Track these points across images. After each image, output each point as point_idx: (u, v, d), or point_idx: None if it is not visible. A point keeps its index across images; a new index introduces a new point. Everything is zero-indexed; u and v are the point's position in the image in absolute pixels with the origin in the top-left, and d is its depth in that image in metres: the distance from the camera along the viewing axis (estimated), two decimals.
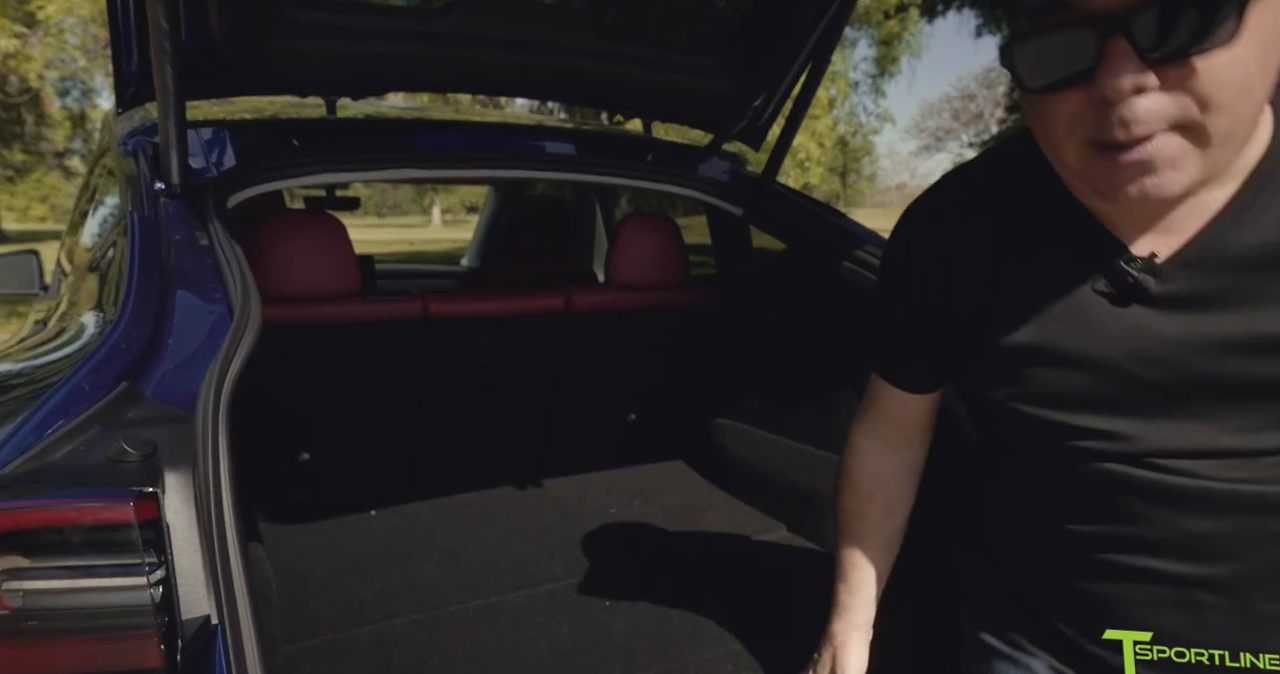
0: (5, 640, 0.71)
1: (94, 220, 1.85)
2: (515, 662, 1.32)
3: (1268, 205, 0.65)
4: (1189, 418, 0.70)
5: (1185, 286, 0.68)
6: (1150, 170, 0.62)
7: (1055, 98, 0.64)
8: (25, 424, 0.84)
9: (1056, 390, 0.75)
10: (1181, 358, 0.69)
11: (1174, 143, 0.60)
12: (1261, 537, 0.69)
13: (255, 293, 1.03)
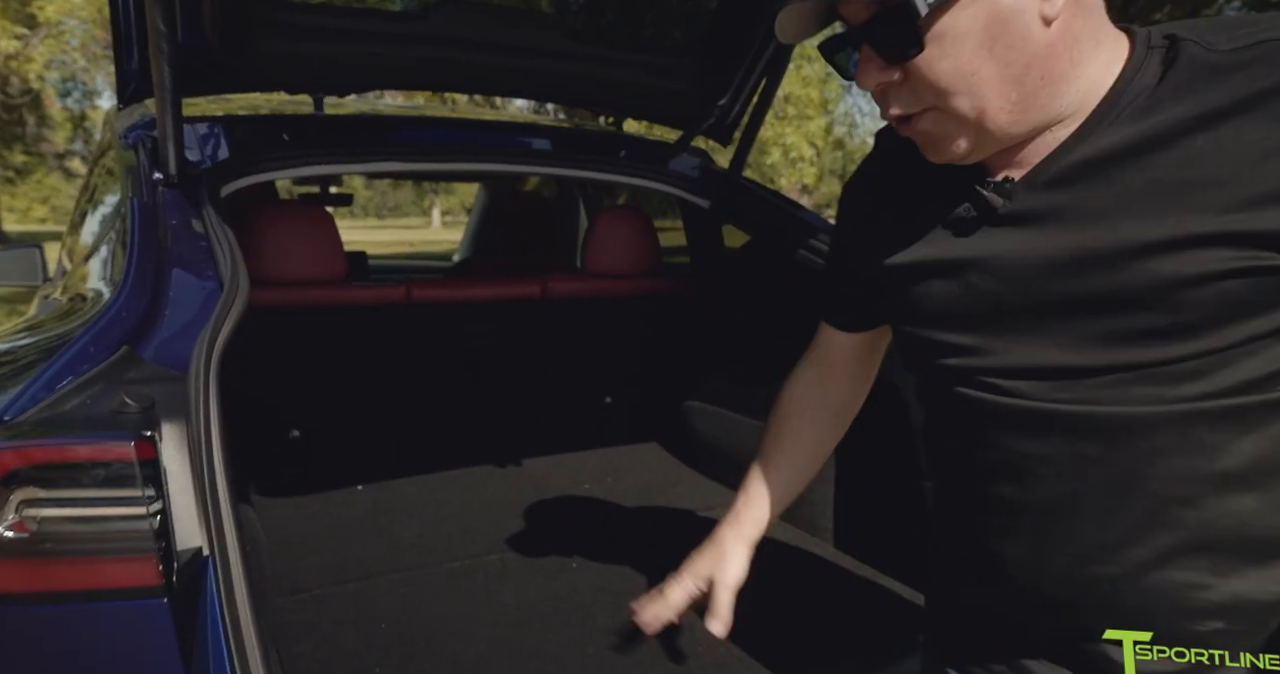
0: (24, 559, 0.83)
1: (95, 213, 1.96)
2: (485, 613, 1.43)
3: (1102, 133, 0.71)
4: (1022, 335, 0.75)
5: (1025, 206, 0.74)
6: (927, 141, 0.75)
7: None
8: (38, 380, 0.95)
9: (928, 307, 0.81)
10: (1018, 274, 0.74)
11: (934, 120, 0.72)
12: (1079, 459, 0.73)
13: (244, 270, 1.15)
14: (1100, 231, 0.70)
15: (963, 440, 0.83)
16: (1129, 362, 0.70)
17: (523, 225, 2.84)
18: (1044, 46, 0.69)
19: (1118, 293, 0.69)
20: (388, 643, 1.34)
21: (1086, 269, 0.71)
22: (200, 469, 0.90)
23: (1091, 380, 0.72)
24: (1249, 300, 0.67)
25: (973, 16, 0.68)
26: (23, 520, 0.83)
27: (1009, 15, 0.68)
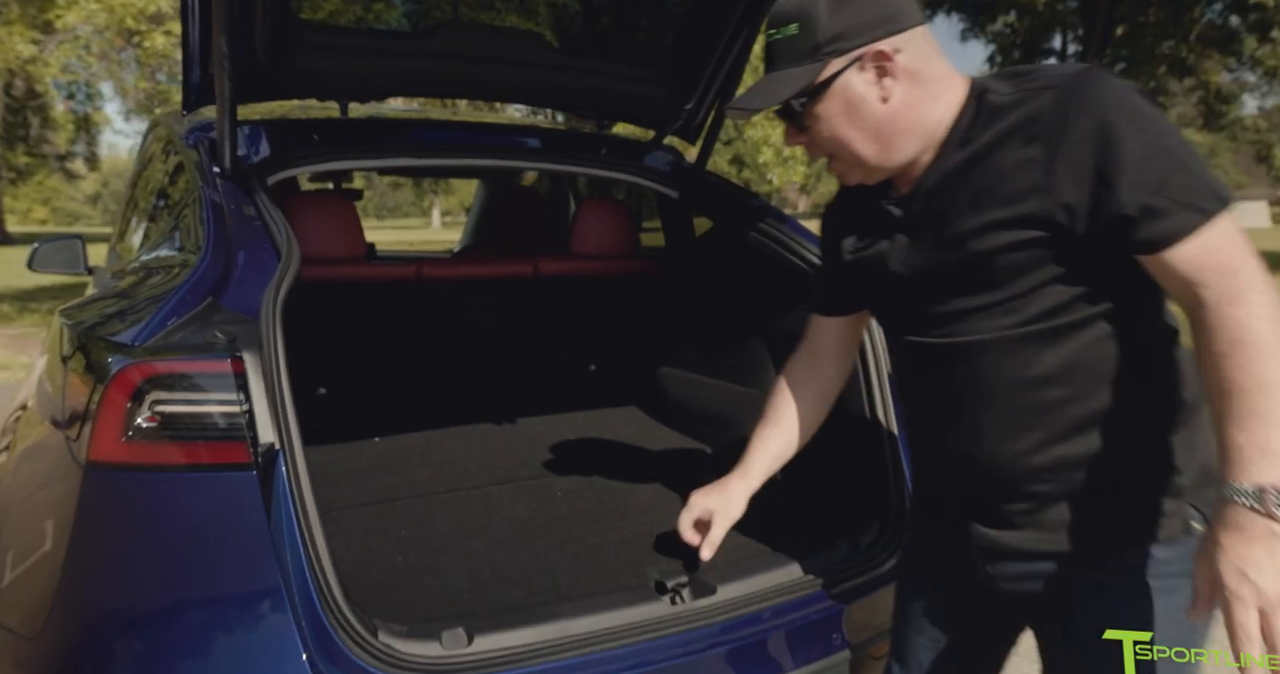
0: (156, 442, 1.15)
1: (154, 204, 2.28)
2: (484, 525, 1.75)
3: (945, 157, 1.08)
4: (909, 293, 1.14)
5: (911, 212, 1.13)
6: (839, 173, 1.16)
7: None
8: (153, 321, 1.27)
9: (869, 285, 1.21)
10: (911, 258, 1.12)
11: (837, 163, 1.14)
12: (955, 373, 1.10)
13: (295, 242, 1.46)
14: (947, 225, 1.08)
15: (900, 368, 1.26)
16: (972, 306, 1.08)
17: (518, 217, 3.17)
18: (887, 115, 1.08)
19: (960, 263, 1.07)
20: (407, 545, 1.66)
21: (944, 250, 1.09)
22: (271, 385, 1.22)
23: (954, 320, 1.10)
24: (1028, 262, 1.02)
25: (832, 106, 1.08)
26: (154, 414, 1.15)
27: (857, 102, 1.07)
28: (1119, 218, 0.94)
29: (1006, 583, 1.15)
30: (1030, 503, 1.10)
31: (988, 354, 1.07)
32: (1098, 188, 0.94)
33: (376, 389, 2.33)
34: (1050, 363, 1.04)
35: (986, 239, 1.02)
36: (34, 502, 1.32)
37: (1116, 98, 0.96)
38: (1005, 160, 1.00)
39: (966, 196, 1.04)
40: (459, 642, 1.25)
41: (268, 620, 1.12)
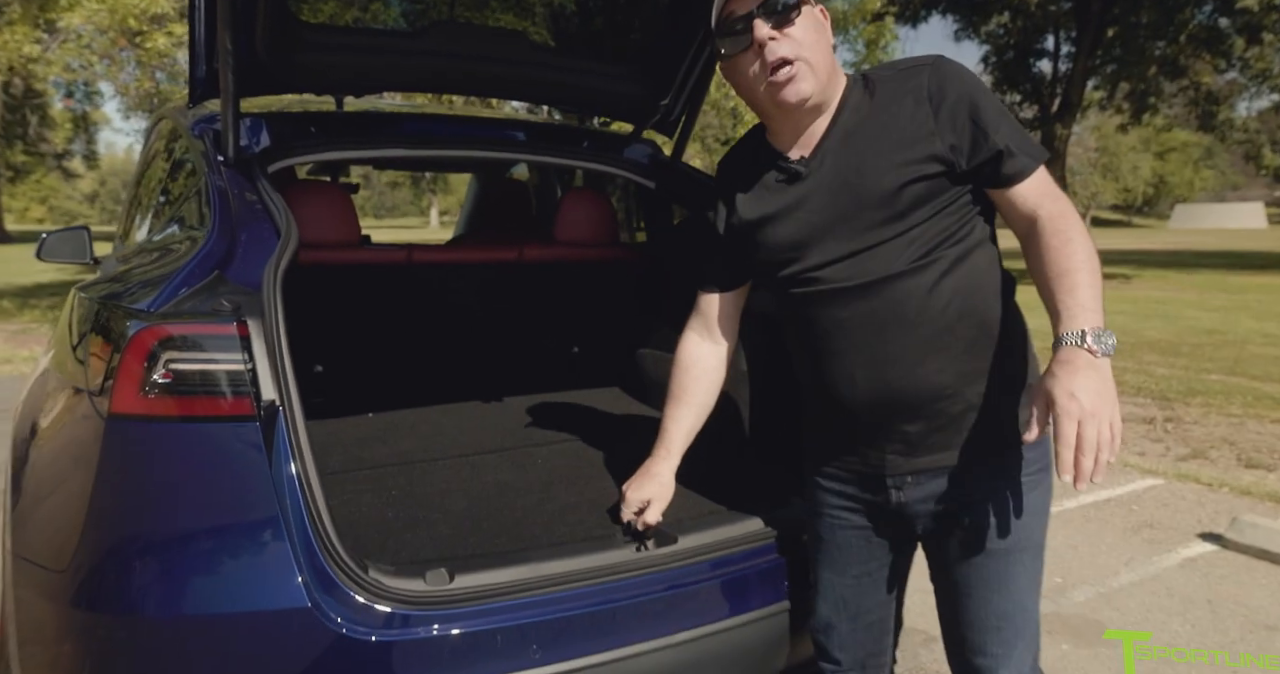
0: (170, 396, 1.28)
1: (160, 189, 2.42)
2: (469, 487, 1.89)
3: (841, 123, 1.32)
4: (824, 241, 1.31)
5: (814, 168, 1.33)
6: (792, 80, 1.26)
7: (740, 56, 1.30)
8: (165, 290, 1.41)
9: (768, 242, 1.38)
10: (819, 206, 1.32)
11: (799, 66, 1.26)
12: (864, 308, 1.29)
13: (294, 223, 1.60)
14: (852, 171, 1.29)
15: (803, 320, 1.39)
16: (876, 241, 1.29)
17: (506, 208, 3.31)
18: (830, 51, 1.31)
19: (865, 202, 1.28)
20: (397, 503, 1.80)
21: (849, 192, 1.29)
22: (272, 347, 1.36)
23: (861, 258, 1.29)
24: (924, 192, 1.26)
25: (808, 18, 1.28)
26: (168, 371, 1.28)
27: (821, 27, 1.31)
28: (992, 153, 1.25)
29: (915, 505, 1.36)
30: (938, 421, 1.31)
31: (899, 286, 1.28)
32: (974, 132, 1.25)
33: (370, 368, 2.47)
34: (948, 289, 1.28)
35: (894, 174, 1.27)
36: (59, 452, 1.46)
37: (973, 76, 1.30)
38: (901, 116, 1.28)
39: (872, 146, 1.29)
40: (441, 580, 1.39)
41: (268, 547, 1.26)
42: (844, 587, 1.50)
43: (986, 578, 1.36)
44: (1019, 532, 1.34)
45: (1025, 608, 1.38)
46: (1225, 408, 5.99)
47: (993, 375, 1.32)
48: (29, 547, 1.41)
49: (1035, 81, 18.71)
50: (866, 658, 1.55)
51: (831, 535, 1.49)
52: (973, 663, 1.40)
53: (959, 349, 1.30)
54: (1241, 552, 3.31)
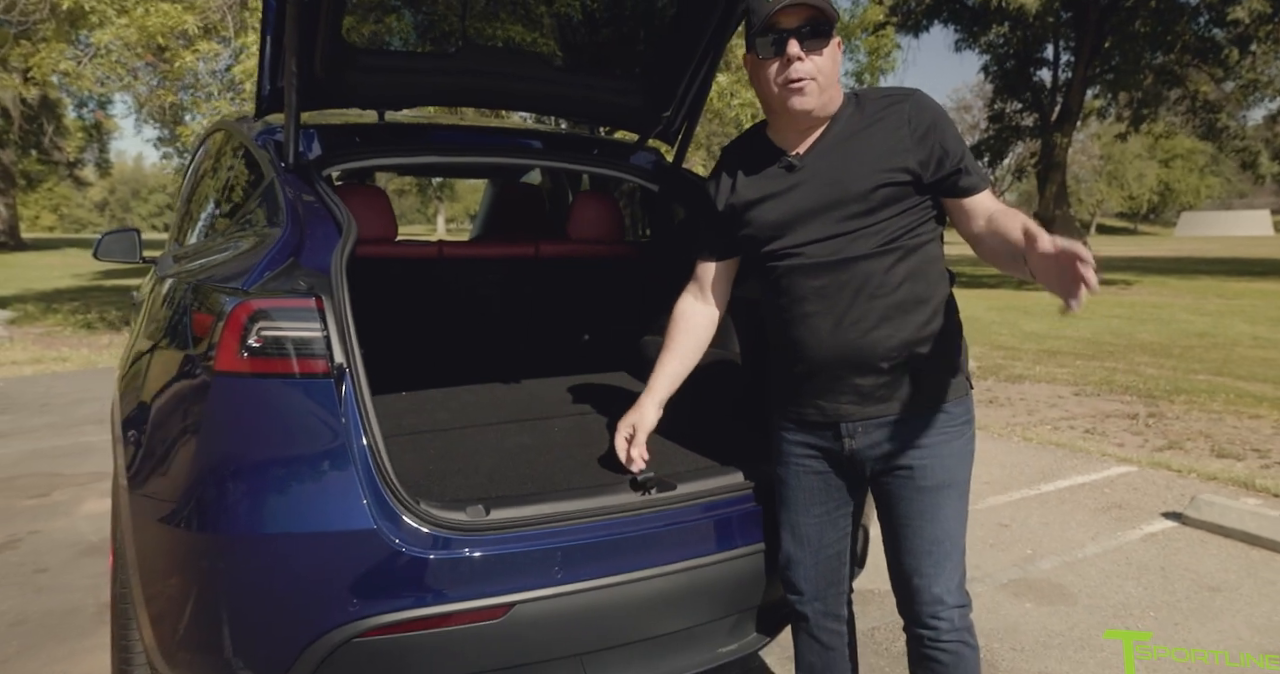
0: (262, 357, 1.57)
1: (218, 192, 2.72)
2: (496, 449, 2.18)
3: (833, 131, 1.63)
4: (808, 224, 1.62)
5: (808, 164, 1.64)
6: (802, 92, 1.57)
7: (769, 62, 1.58)
8: (253, 273, 1.71)
9: (760, 219, 1.68)
10: (807, 194, 1.63)
11: (811, 83, 1.57)
12: (835, 281, 1.60)
13: (352, 218, 1.90)
14: (839, 171, 1.61)
15: (780, 289, 1.70)
16: (851, 229, 1.61)
17: (522, 211, 3.61)
18: (837, 77, 1.63)
19: (844, 198, 1.60)
20: (435, 460, 2.09)
21: (834, 187, 1.61)
22: (340, 319, 1.65)
23: (838, 240, 1.61)
24: (892, 196, 1.59)
25: (832, 48, 1.60)
26: (260, 337, 1.58)
27: (838, 57, 1.62)
28: (953, 169, 1.59)
29: (864, 451, 1.68)
30: (885, 377, 1.63)
31: (862, 265, 1.61)
32: (940, 154, 1.59)
33: (404, 350, 2.76)
34: (902, 271, 1.61)
35: (871, 178, 1.59)
36: (172, 405, 1.75)
37: (942, 109, 1.65)
38: (883, 133, 1.61)
39: (856, 153, 1.62)
40: (479, 513, 1.68)
41: (340, 474, 1.55)
42: (807, 525, 1.79)
43: (921, 510, 1.66)
44: (946, 472, 1.65)
45: (952, 535, 1.68)
46: (1207, 405, 6.25)
47: (931, 346, 1.64)
48: (148, 483, 1.71)
49: (1035, 90, 18.99)
50: (826, 588, 1.84)
51: (797, 481, 1.79)
52: (911, 582, 1.70)
53: (905, 321, 1.62)
54: (1198, 527, 3.58)
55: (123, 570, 1.99)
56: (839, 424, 1.69)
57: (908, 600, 1.73)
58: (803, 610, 1.86)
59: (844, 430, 1.69)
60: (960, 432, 1.68)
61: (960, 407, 1.68)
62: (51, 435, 5.28)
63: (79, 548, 3.41)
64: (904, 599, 1.74)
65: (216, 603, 1.59)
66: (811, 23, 1.55)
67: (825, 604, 1.85)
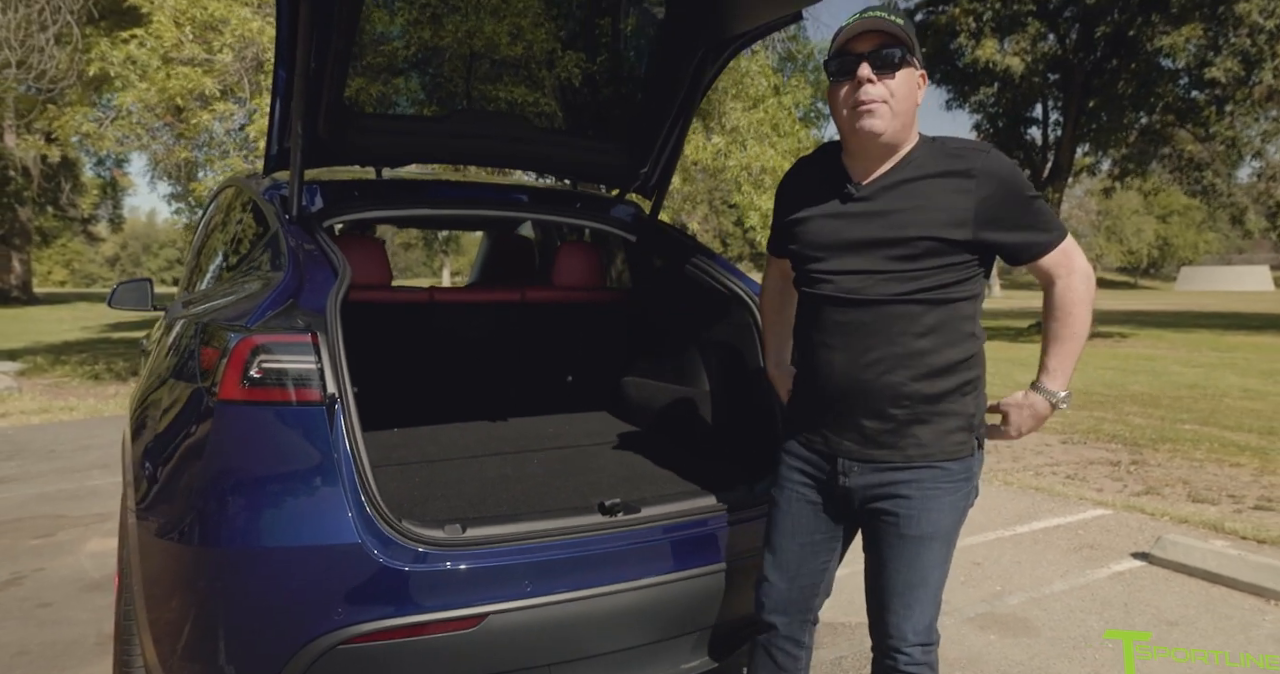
0: (261, 387, 1.75)
1: (229, 243, 2.93)
2: (477, 478, 2.34)
3: (900, 170, 1.68)
4: (848, 255, 1.68)
5: (865, 195, 1.69)
6: (871, 114, 1.60)
7: (841, 84, 1.64)
8: (257, 312, 1.90)
9: (805, 237, 1.76)
10: (855, 225, 1.69)
11: (881, 106, 1.60)
12: (860, 318, 1.66)
13: (347, 264, 2.09)
14: (889, 209, 1.68)
15: (808, 315, 1.80)
16: (885, 270, 1.67)
17: (514, 261, 3.83)
18: (914, 107, 1.68)
19: (888, 238, 1.66)
20: (420, 486, 2.25)
21: (880, 224, 1.68)
22: (333, 354, 1.83)
23: (871, 277, 1.68)
24: (937, 250, 1.63)
25: (909, 74, 1.65)
26: (260, 369, 1.76)
27: (915, 84, 1.67)
28: (1001, 240, 1.64)
29: (857, 491, 1.75)
30: (891, 423, 1.69)
31: (889, 308, 1.67)
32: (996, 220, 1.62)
33: (397, 389, 2.94)
34: (927, 322, 1.66)
35: (921, 229, 1.62)
36: (179, 431, 1.92)
37: (1012, 171, 1.64)
38: (948, 190, 1.63)
39: (915, 199, 1.64)
40: (456, 531, 1.83)
41: (328, 490, 1.72)
42: (789, 551, 1.87)
43: (901, 555, 1.72)
44: (931, 525, 1.69)
45: (928, 582, 1.73)
46: (1190, 453, 6.36)
47: (943, 402, 1.67)
48: (155, 504, 1.87)
49: (1026, 148, 19.47)
50: (794, 613, 1.90)
51: (789, 505, 1.86)
52: (882, 616, 1.78)
53: (921, 371, 1.65)
54: (1164, 566, 3.69)
55: (128, 591, 2.13)
56: (838, 458, 1.75)
57: (877, 631, 1.81)
58: (766, 627, 1.92)
59: (841, 466, 1.75)
60: (956, 488, 1.71)
61: (961, 465, 1.71)
62: (57, 480, 5.42)
63: (81, 584, 3.54)
64: (874, 629, 1.82)
65: (214, 614, 1.74)
66: (883, 47, 1.59)
67: (789, 628, 1.90)
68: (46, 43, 9.00)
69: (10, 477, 5.54)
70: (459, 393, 3.04)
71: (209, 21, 7.67)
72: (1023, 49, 15.47)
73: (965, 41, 15.80)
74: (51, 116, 9.32)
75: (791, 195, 1.85)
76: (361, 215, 2.61)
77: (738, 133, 10.49)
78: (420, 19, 2.77)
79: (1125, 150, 17.78)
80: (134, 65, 7.78)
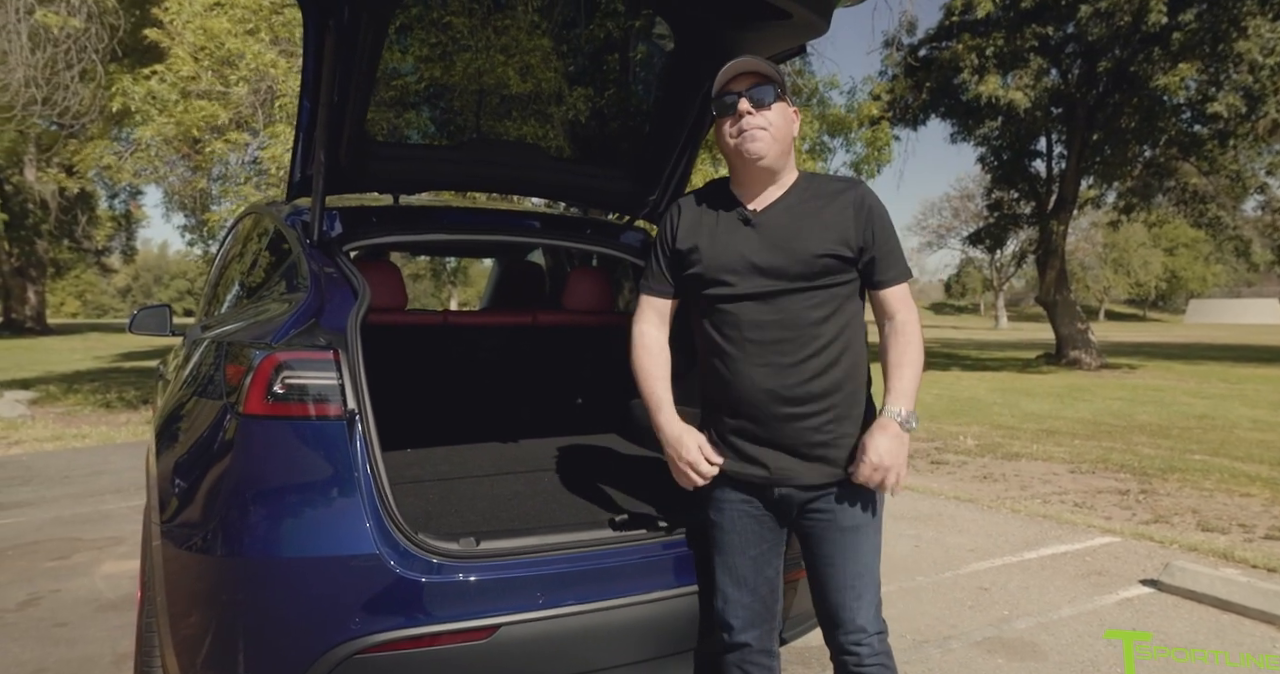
0: (285, 401, 1.81)
1: (249, 267, 3.02)
2: (490, 495, 2.39)
3: (789, 197, 1.86)
4: (749, 276, 1.82)
5: (760, 220, 1.85)
6: (754, 139, 1.81)
7: (725, 119, 1.84)
8: (281, 330, 1.97)
9: (708, 261, 1.87)
10: (754, 247, 1.83)
11: (764, 135, 1.81)
12: (761, 336, 1.80)
13: (366, 286, 2.17)
14: (785, 232, 1.83)
15: (715, 331, 1.89)
16: (787, 288, 1.80)
17: (524, 286, 3.91)
18: (790, 142, 1.85)
19: (791, 258, 1.80)
20: (434, 503, 2.30)
21: (778, 247, 1.82)
22: (354, 372, 1.90)
23: (775, 295, 1.81)
24: (832, 266, 1.79)
25: (782, 107, 1.84)
26: (284, 384, 1.82)
27: (790, 117, 1.85)
28: (870, 258, 1.82)
29: (791, 497, 1.87)
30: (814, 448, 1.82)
31: (794, 319, 1.81)
32: (871, 241, 1.84)
33: (412, 410, 3.00)
34: (829, 330, 1.82)
35: (817, 245, 1.81)
36: (204, 445, 1.98)
37: (881, 203, 1.88)
38: (834, 210, 1.84)
39: (807, 221, 1.84)
40: (471, 544, 1.88)
41: (347, 501, 1.77)
42: (743, 566, 1.93)
43: (843, 549, 1.85)
44: (863, 514, 1.85)
45: (870, 569, 1.87)
46: (1200, 483, 6.34)
47: (848, 398, 1.85)
48: (179, 517, 1.92)
49: (1031, 180, 19.61)
50: (760, 624, 1.96)
51: (733, 525, 1.93)
52: (837, 614, 1.87)
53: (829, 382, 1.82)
54: (1173, 593, 3.69)
55: (150, 604, 2.18)
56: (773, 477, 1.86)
57: (832, 630, 1.89)
58: (738, 646, 1.96)
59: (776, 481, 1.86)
60: (875, 497, 1.88)
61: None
62: (72, 504, 5.48)
63: (96, 604, 3.57)
64: (829, 629, 1.90)
65: (235, 624, 1.79)
66: (757, 85, 1.82)
67: (761, 640, 1.96)
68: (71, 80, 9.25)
69: (26, 501, 5.59)
70: (472, 414, 3.10)
71: (226, 56, 7.89)
72: (1026, 84, 15.66)
73: (969, 77, 16.00)
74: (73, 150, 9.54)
75: (683, 225, 1.96)
76: (380, 240, 2.69)
77: None
78: (431, 56, 2.88)
79: (1130, 183, 17.88)
80: (154, 100, 7.99)
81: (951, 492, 6.05)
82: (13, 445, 7.86)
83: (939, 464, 7.19)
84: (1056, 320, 18.40)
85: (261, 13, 7.95)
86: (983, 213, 20.55)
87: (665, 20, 2.65)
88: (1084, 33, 14.90)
